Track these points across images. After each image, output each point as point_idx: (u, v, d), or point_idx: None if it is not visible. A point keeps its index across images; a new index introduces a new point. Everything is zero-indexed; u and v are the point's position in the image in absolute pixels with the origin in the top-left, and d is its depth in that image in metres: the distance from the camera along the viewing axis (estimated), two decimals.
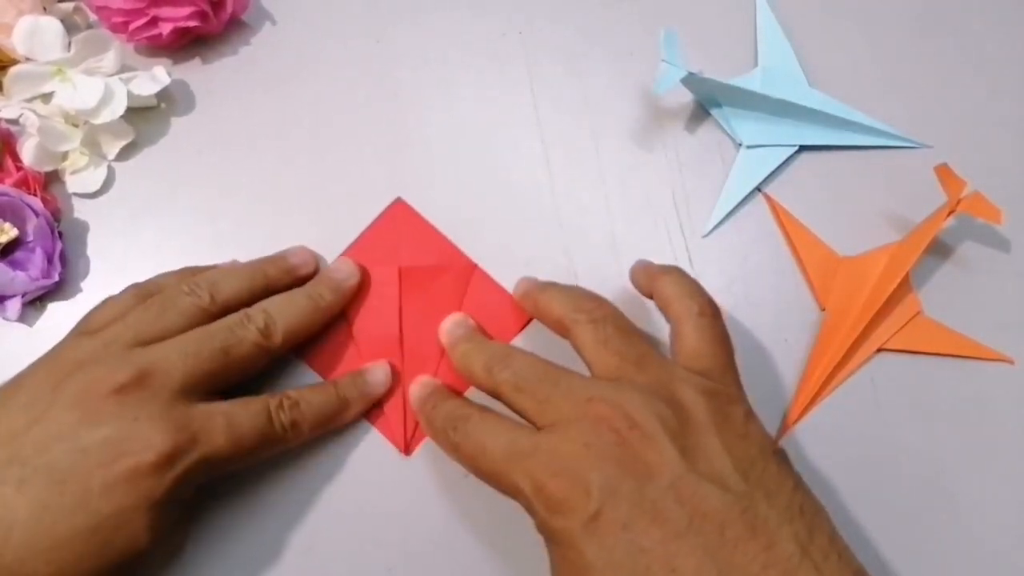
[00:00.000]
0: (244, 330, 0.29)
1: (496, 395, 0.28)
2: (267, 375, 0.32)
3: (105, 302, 0.31)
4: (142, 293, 0.31)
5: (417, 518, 0.32)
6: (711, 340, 0.28)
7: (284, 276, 0.33)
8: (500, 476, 0.26)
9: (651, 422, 0.24)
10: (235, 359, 0.29)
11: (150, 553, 0.26)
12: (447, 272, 0.35)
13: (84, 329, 0.29)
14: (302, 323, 0.31)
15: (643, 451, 0.24)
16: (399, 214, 0.36)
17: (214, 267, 0.33)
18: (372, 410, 0.33)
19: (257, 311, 0.30)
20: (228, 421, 0.27)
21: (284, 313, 0.31)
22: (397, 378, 0.33)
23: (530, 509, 0.25)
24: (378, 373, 0.32)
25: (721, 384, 0.27)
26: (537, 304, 0.31)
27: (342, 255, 0.35)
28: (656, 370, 0.27)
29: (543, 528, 0.25)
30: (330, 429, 0.32)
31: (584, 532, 0.23)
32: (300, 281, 0.33)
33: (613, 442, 0.24)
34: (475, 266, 0.35)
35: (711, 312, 0.29)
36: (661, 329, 0.34)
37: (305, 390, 0.31)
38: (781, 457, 0.26)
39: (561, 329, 0.29)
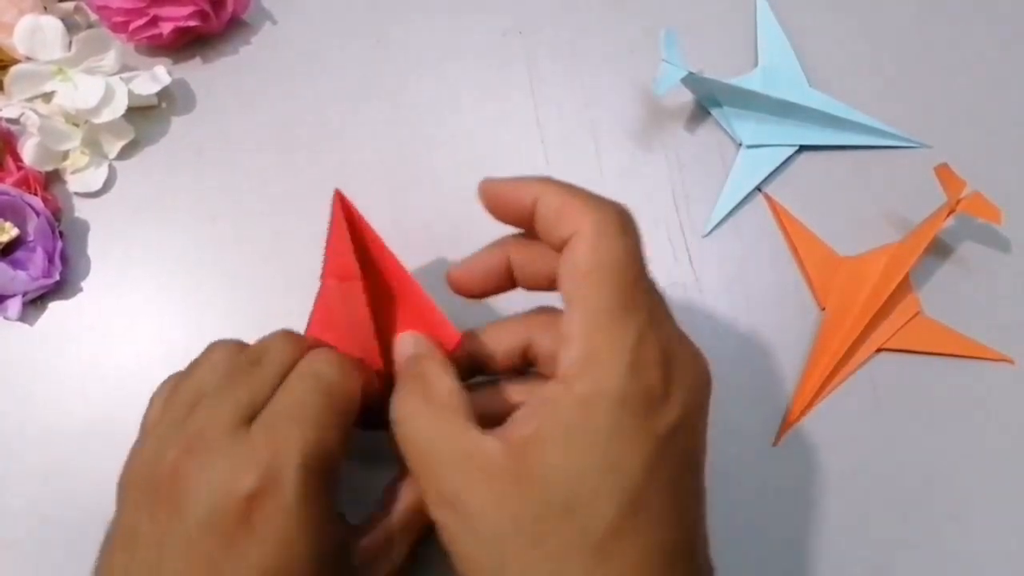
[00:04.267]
0: (271, 338, 0.27)
1: None
2: None
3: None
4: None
5: None
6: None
7: None
8: None
9: None
10: (270, 366, 0.26)
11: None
12: (385, 276, 0.29)
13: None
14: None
15: None
16: (342, 206, 0.29)
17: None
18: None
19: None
20: (290, 408, 0.24)
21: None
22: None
23: None
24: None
25: None
26: None
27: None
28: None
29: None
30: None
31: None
32: None
33: None
34: (407, 274, 0.28)
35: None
36: None
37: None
38: None
39: None
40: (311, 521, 0.22)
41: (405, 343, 0.27)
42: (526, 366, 0.27)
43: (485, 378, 0.28)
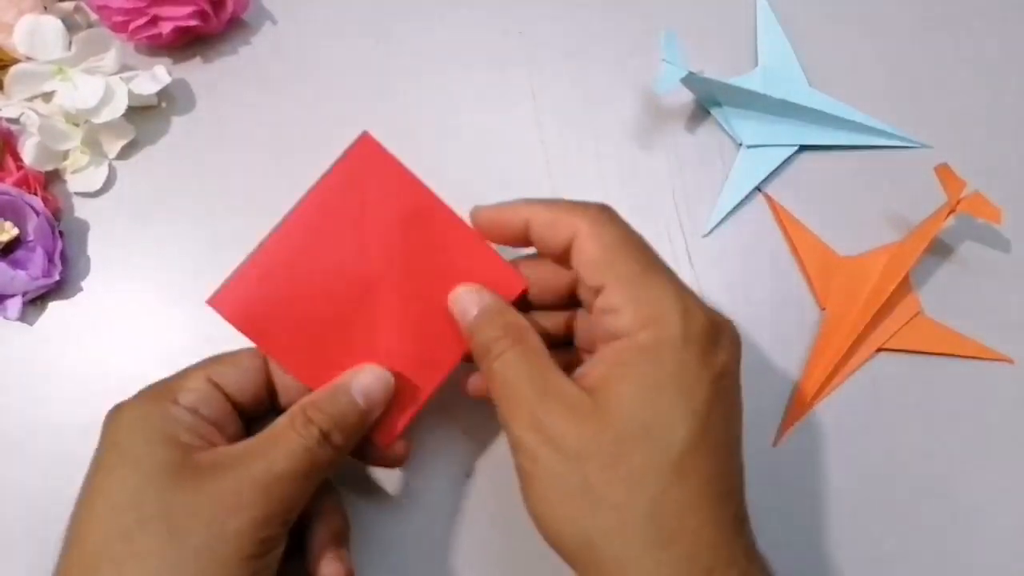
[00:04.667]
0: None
1: None
2: None
3: None
4: None
5: (414, 532, 0.32)
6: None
7: None
8: None
9: None
10: None
11: None
12: (427, 225, 0.29)
13: None
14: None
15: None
16: (367, 154, 0.30)
17: None
18: None
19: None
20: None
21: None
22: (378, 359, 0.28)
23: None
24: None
25: None
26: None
27: (304, 198, 0.30)
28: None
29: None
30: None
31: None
32: None
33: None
34: (460, 219, 0.30)
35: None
36: None
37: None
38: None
39: None
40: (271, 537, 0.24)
41: (469, 297, 0.28)
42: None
43: None
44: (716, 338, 0.24)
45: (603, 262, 0.25)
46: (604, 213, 0.26)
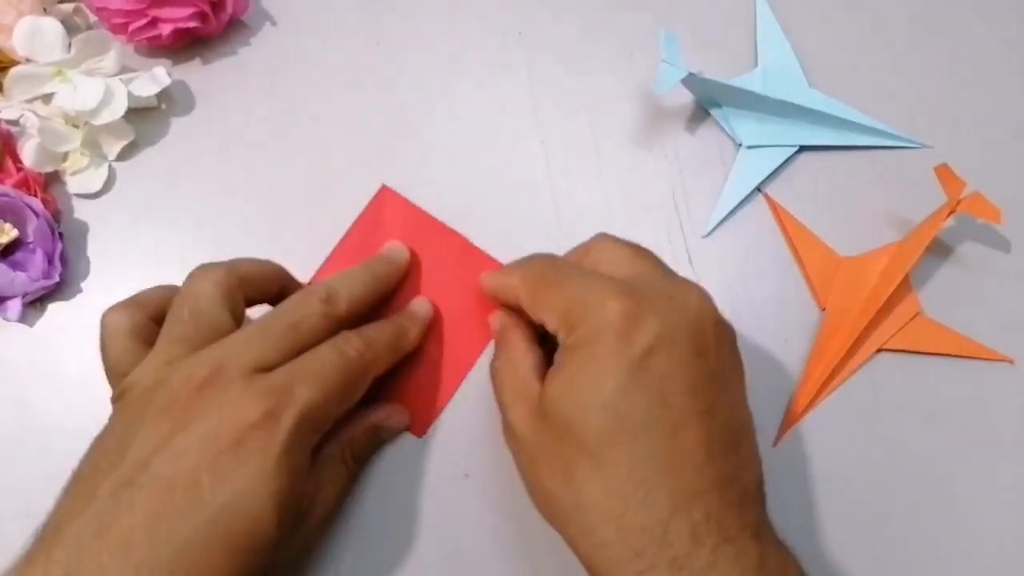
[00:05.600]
0: (308, 303, 0.29)
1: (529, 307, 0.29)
2: None
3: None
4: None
5: (414, 533, 0.32)
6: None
7: None
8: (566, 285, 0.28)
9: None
10: (305, 333, 0.28)
11: (281, 538, 0.25)
12: (444, 253, 0.35)
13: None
14: (364, 292, 0.31)
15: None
16: (386, 201, 0.36)
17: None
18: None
19: (318, 286, 0.30)
20: (307, 369, 0.27)
21: (345, 283, 0.31)
22: (412, 363, 0.34)
23: (584, 320, 0.26)
24: (419, 302, 0.34)
25: None
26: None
27: (334, 250, 0.35)
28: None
29: (577, 335, 0.26)
30: (399, 353, 0.32)
31: (630, 366, 0.25)
32: None
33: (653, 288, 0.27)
34: (468, 242, 0.36)
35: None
36: None
37: (362, 326, 0.31)
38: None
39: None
40: (289, 466, 0.25)
41: (494, 319, 0.32)
42: None
43: None
44: (634, 322, 0.25)
45: (534, 305, 0.28)
46: (531, 265, 0.30)
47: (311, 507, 0.28)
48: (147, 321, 0.29)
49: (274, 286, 0.31)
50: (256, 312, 0.31)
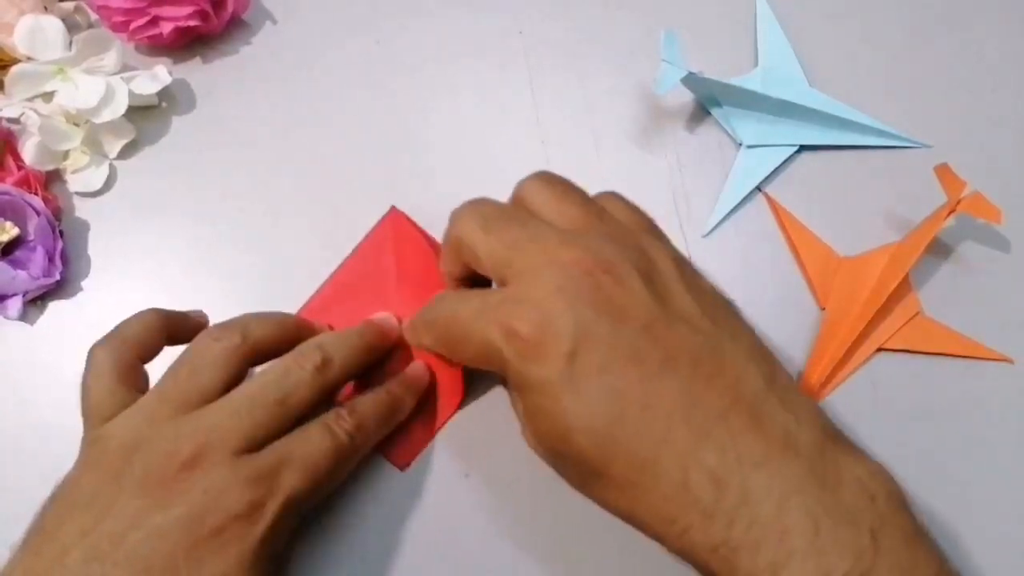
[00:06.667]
0: (299, 373, 0.28)
1: (469, 255, 0.27)
2: None
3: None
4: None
5: (414, 533, 0.32)
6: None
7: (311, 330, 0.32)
8: (471, 335, 0.25)
9: (624, 266, 0.24)
10: (294, 407, 0.27)
11: None
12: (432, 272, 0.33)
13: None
14: (358, 363, 0.30)
15: (617, 293, 0.24)
16: (393, 224, 0.35)
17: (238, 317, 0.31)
18: None
19: (313, 350, 0.29)
20: (296, 454, 0.26)
21: (341, 352, 0.29)
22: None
23: (502, 363, 0.24)
24: (416, 366, 0.32)
25: None
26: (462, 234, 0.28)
27: (336, 270, 0.35)
28: (618, 223, 0.27)
29: (517, 379, 0.24)
30: (392, 426, 0.31)
31: (560, 377, 0.23)
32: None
33: (587, 285, 0.24)
34: None
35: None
36: None
37: (355, 397, 0.30)
38: (737, 308, 0.27)
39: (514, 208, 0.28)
40: (267, 555, 0.25)
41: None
42: None
43: None
44: (541, 337, 0.23)
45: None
46: (434, 324, 0.28)
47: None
48: (134, 361, 0.29)
49: (284, 349, 0.29)
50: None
